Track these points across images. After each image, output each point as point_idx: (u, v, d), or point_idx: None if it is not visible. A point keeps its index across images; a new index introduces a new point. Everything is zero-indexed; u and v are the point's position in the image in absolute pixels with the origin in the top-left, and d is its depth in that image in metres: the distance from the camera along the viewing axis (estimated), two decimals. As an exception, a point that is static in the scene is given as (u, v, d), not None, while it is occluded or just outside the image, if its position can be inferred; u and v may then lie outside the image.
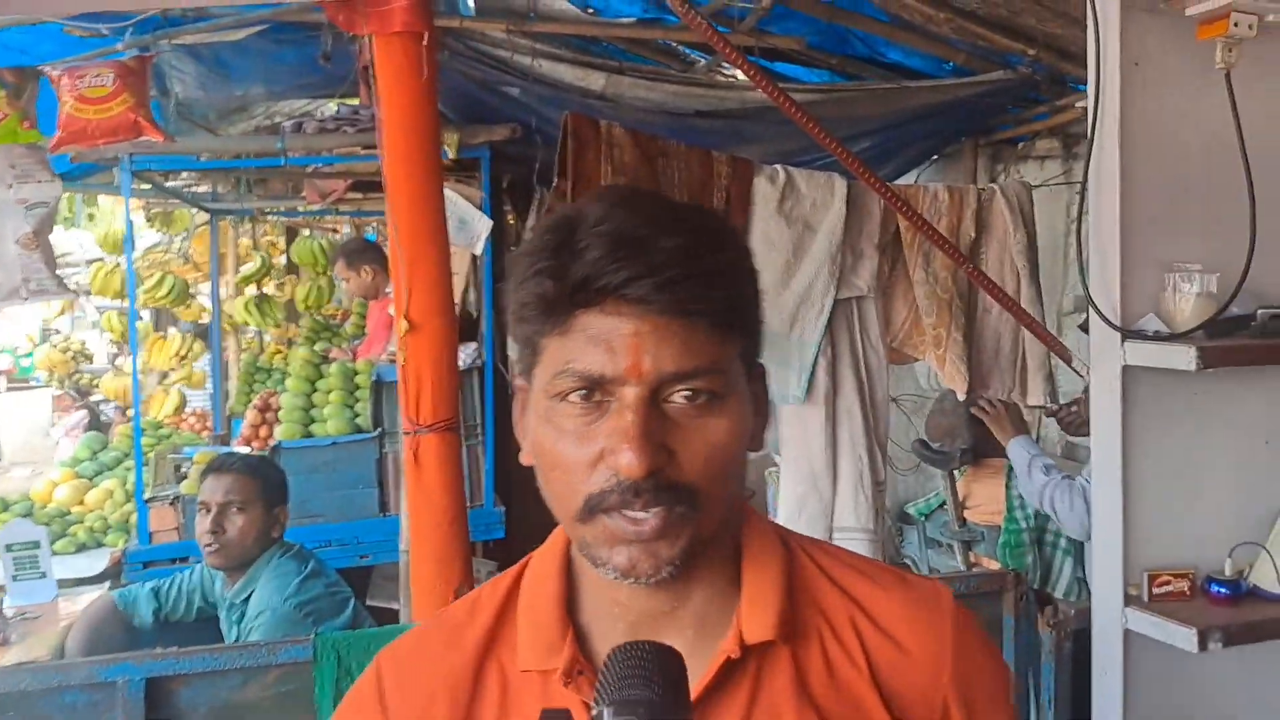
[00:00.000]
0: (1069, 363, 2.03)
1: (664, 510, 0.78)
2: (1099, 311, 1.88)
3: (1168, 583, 1.92)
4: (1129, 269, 1.89)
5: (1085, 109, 4.89)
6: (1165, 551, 1.96)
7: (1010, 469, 3.42)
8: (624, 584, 0.81)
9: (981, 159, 5.42)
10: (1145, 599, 1.92)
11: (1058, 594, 3.28)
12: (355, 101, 5.04)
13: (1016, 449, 2.95)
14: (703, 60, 5.70)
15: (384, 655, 0.94)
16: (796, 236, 2.32)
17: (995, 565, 3.52)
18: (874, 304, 2.44)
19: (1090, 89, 1.88)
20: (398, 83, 2.01)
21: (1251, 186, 1.76)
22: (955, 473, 3.60)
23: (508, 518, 4.48)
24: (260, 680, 1.86)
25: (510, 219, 6.04)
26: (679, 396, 0.80)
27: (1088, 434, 2.08)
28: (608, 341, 0.78)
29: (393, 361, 4.49)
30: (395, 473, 4.29)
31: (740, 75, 5.67)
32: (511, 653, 0.89)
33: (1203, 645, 1.78)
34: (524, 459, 0.88)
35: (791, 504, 2.40)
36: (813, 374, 2.35)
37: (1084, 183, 1.91)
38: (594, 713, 0.68)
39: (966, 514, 3.60)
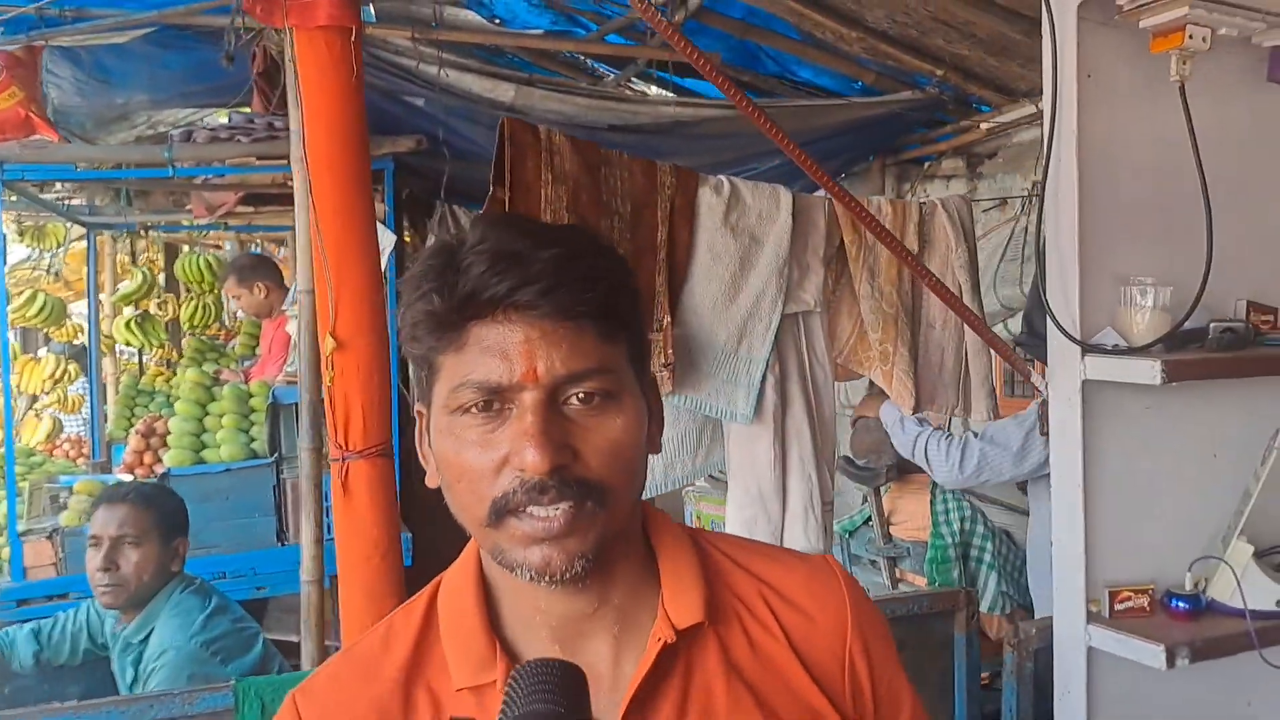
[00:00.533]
0: (1028, 378, 2.00)
1: (571, 506, 0.82)
2: (1059, 325, 1.85)
3: (1129, 599, 1.89)
4: (1085, 282, 1.86)
5: (988, 129, 4.98)
6: (1124, 567, 1.94)
7: (935, 484, 3.42)
8: (542, 588, 0.85)
9: (888, 178, 5.49)
10: (1107, 615, 1.89)
11: (983, 608, 3.29)
12: (248, 110, 4.80)
13: (888, 409, 2.94)
14: (611, 75, 5.64)
15: (298, 694, 0.93)
16: (743, 249, 2.25)
17: (921, 581, 3.51)
18: (820, 319, 2.38)
19: (1046, 101, 1.85)
20: (322, 81, 1.86)
21: (1207, 199, 1.75)
22: (880, 489, 3.58)
23: (414, 545, 4.30)
24: (174, 735, 1.68)
25: (408, 236, 5.85)
26: (575, 399, 0.84)
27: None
28: (502, 350, 0.82)
29: (290, 383, 4.28)
30: (294, 500, 4.09)
31: (651, 91, 5.65)
32: (439, 674, 0.90)
33: (1170, 662, 1.76)
34: (430, 481, 0.91)
35: (739, 526, 2.32)
36: (761, 391, 2.28)
37: (1040, 194, 1.88)
38: None
39: (892, 530, 3.58)
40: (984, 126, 4.91)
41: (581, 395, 0.84)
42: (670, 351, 2.14)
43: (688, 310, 2.23)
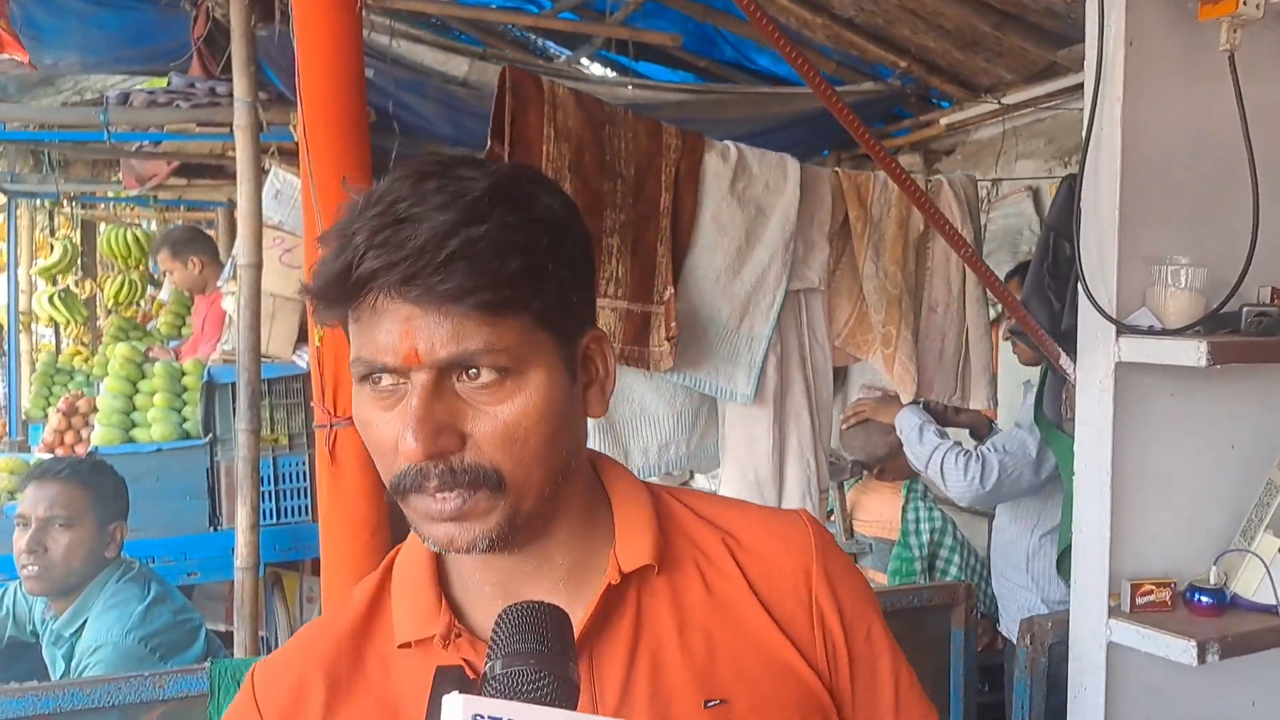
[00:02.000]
0: (1057, 359, 1.92)
1: (463, 492, 0.79)
2: (1095, 304, 1.77)
3: (1150, 592, 1.83)
4: (1121, 263, 1.79)
5: (948, 125, 4.95)
6: (1144, 560, 1.87)
7: (909, 490, 3.36)
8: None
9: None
10: (1127, 610, 1.82)
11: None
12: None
13: (907, 416, 2.87)
14: (563, 55, 5.50)
15: (255, 666, 0.94)
16: (749, 220, 2.13)
17: (882, 578, 3.44)
18: (822, 298, 2.27)
19: (1089, 70, 1.77)
20: (321, 15, 1.68)
21: (1255, 176, 1.69)
22: (843, 484, 3.50)
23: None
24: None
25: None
26: (466, 377, 0.79)
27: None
28: (387, 330, 0.78)
29: (227, 362, 4.05)
30: (228, 484, 3.89)
31: (600, 73, 5.52)
32: (388, 635, 0.90)
33: (1201, 658, 1.70)
34: None
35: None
36: (762, 371, 2.16)
37: (1080, 170, 1.80)
38: (486, 665, 0.69)
39: (855, 525, 3.51)
40: (944, 122, 4.88)
41: (471, 373, 0.79)
42: (673, 325, 2.02)
43: (689, 283, 2.10)
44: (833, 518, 3.59)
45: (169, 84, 4.23)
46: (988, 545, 3.37)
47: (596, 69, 5.57)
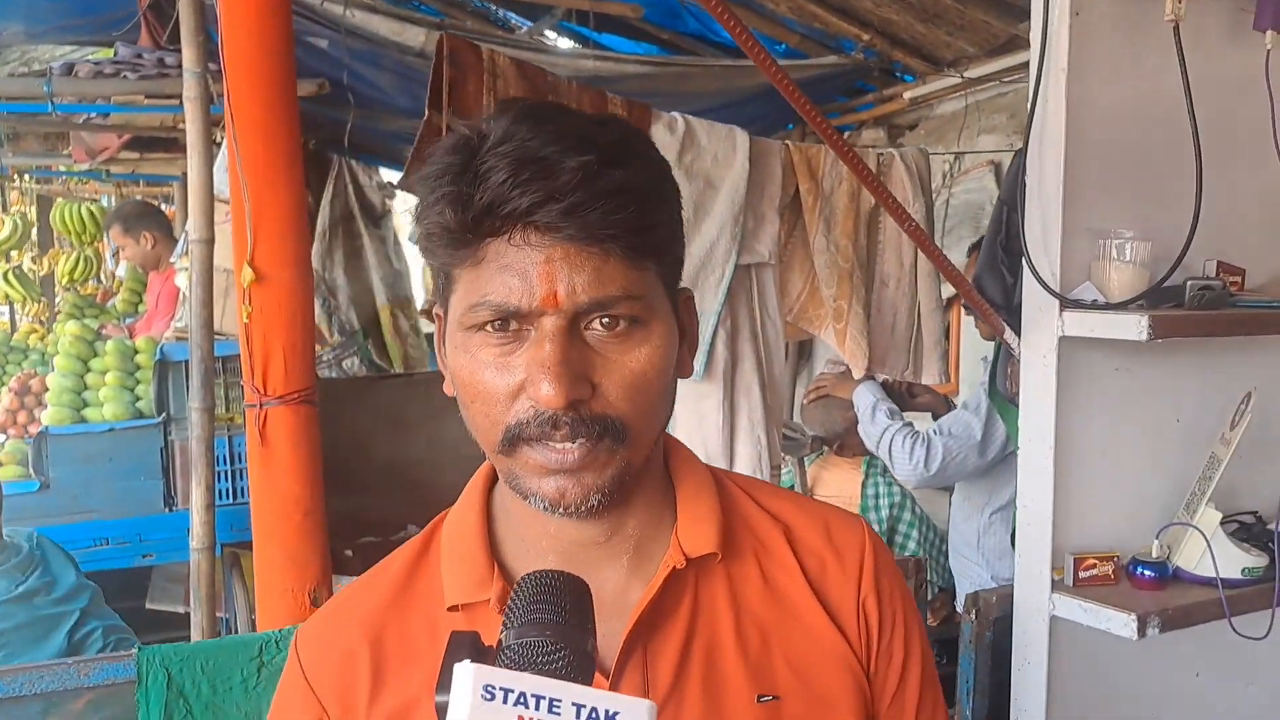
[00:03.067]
0: (1002, 334, 1.91)
1: (588, 443, 0.78)
2: (1040, 279, 1.76)
3: (1093, 566, 1.83)
4: (1066, 236, 1.78)
5: (911, 99, 4.93)
6: (1087, 534, 1.87)
7: (869, 466, 3.36)
8: (554, 516, 0.81)
9: (809, 145, 5.41)
10: (1071, 583, 1.82)
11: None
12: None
13: (864, 393, 2.86)
14: (524, 26, 5.43)
15: (298, 633, 0.92)
16: (697, 193, 2.10)
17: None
18: (773, 273, 2.25)
19: (1034, 39, 1.75)
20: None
21: (1198, 149, 1.67)
22: (804, 460, 3.50)
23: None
24: (65, 708, 1.48)
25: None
26: (598, 324, 0.78)
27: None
28: (522, 271, 0.75)
29: (180, 339, 3.99)
30: (183, 463, 3.84)
31: (563, 44, 5.45)
32: (436, 596, 0.88)
33: (1142, 631, 1.70)
34: (446, 390, 0.86)
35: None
36: (711, 347, 2.14)
37: (1025, 143, 1.78)
38: (501, 634, 0.68)
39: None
40: (907, 96, 4.86)
41: (605, 320, 0.77)
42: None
43: (636, 258, 2.07)
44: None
45: (115, 54, 4.13)
46: (949, 520, 3.39)
47: (563, 43, 5.51)
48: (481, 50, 1.87)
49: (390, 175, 5.59)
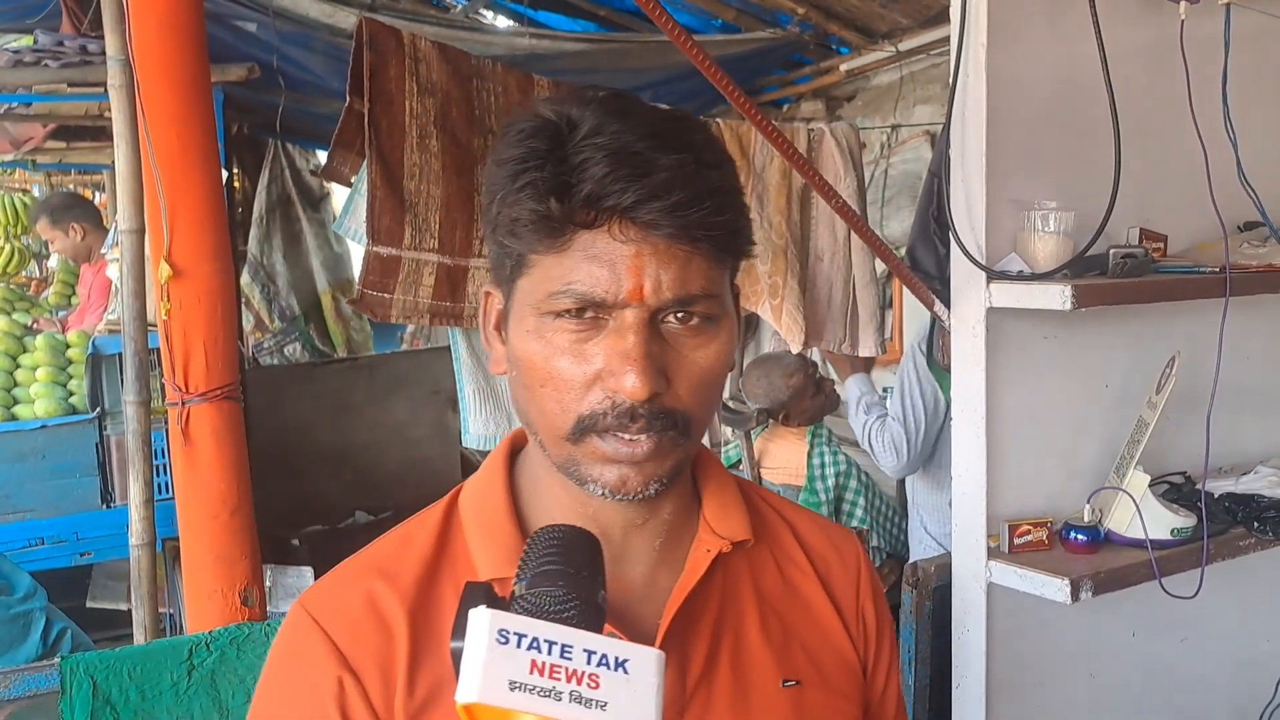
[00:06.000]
0: (931, 306, 1.92)
1: (656, 435, 0.79)
2: (965, 251, 1.76)
3: (1027, 532, 1.85)
4: (990, 208, 1.79)
5: (847, 71, 4.93)
6: (1021, 501, 1.90)
7: (813, 436, 3.37)
8: (605, 499, 0.81)
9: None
10: (1006, 550, 1.84)
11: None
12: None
13: (852, 385, 2.88)
14: (459, 4, 5.35)
15: (304, 600, 0.86)
16: (627, 173, 2.08)
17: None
18: (706, 250, 2.23)
19: (954, 14, 1.75)
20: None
21: (1116, 119, 1.69)
22: (750, 433, 3.51)
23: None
24: (-14, 726, 1.44)
25: (238, 180, 5.44)
26: (674, 319, 0.79)
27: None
28: (610, 263, 0.76)
29: (112, 332, 3.91)
30: (119, 459, 3.77)
31: (499, 22, 5.39)
32: (464, 568, 0.87)
33: (1075, 595, 1.72)
34: (495, 369, 0.87)
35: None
36: (646, 327, 2.12)
37: (948, 116, 1.79)
38: (514, 584, 0.69)
39: (763, 473, 3.53)
40: (843, 68, 4.87)
41: (681, 316, 0.79)
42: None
43: (568, 240, 2.06)
44: (741, 467, 3.61)
45: (35, 42, 4.01)
46: (909, 497, 3.41)
47: (501, 21, 5.44)
48: (403, 35, 1.84)
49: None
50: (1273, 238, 1.96)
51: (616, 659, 0.64)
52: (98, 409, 3.77)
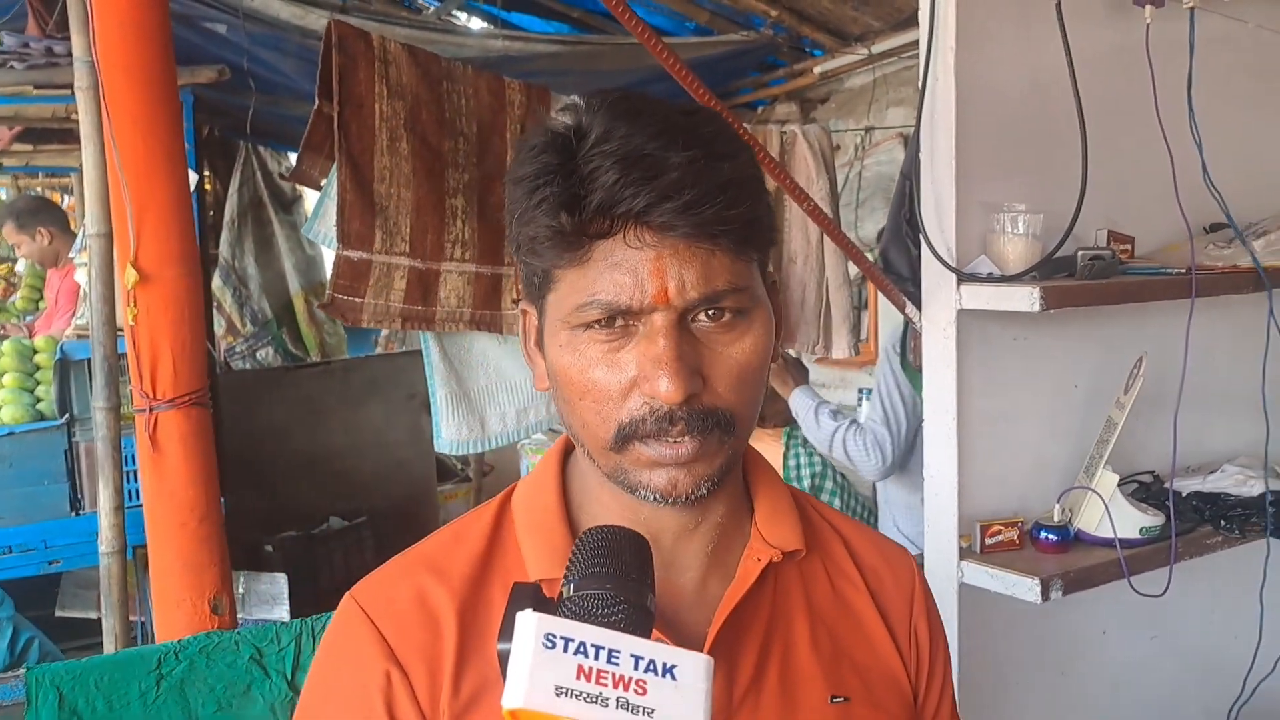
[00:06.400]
0: (903, 309, 1.93)
1: (700, 436, 0.78)
2: (936, 254, 1.77)
3: (999, 532, 1.87)
4: (960, 211, 1.80)
5: (821, 74, 4.95)
6: (992, 501, 1.91)
7: (789, 437, 3.38)
8: (659, 506, 0.81)
9: (721, 121, 5.42)
10: (978, 550, 1.86)
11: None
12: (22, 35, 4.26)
13: (799, 399, 2.88)
14: (432, 5, 5.33)
15: (355, 594, 0.87)
16: (599, 176, 2.08)
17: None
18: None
19: (923, 19, 1.76)
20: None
21: (1083, 122, 1.70)
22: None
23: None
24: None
25: (209, 183, 5.40)
26: (704, 316, 0.78)
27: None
28: (632, 269, 0.75)
29: (81, 337, 3.87)
30: (89, 465, 3.73)
31: (473, 24, 5.37)
32: (515, 567, 0.87)
33: (1045, 595, 1.74)
34: (539, 385, 0.87)
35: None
36: (618, 330, 2.12)
37: (918, 120, 1.80)
38: (562, 587, 0.69)
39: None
40: (817, 71, 4.88)
41: (711, 313, 0.78)
42: (521, 289, 1.97)
43: (540, 243, 2.05)
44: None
45: (0, 44, 3.97)
46: (886, 496, 3.41)
47: (474, 22, 5.42)
48: (372, 37, 1.83)
49: (300, 161, 5.45)
50: (1237, 239, 1.98)
51: (664, 665, 0.63)
52: (66, 415, 3.73)
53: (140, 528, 3.50)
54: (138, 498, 3.67)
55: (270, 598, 3.57)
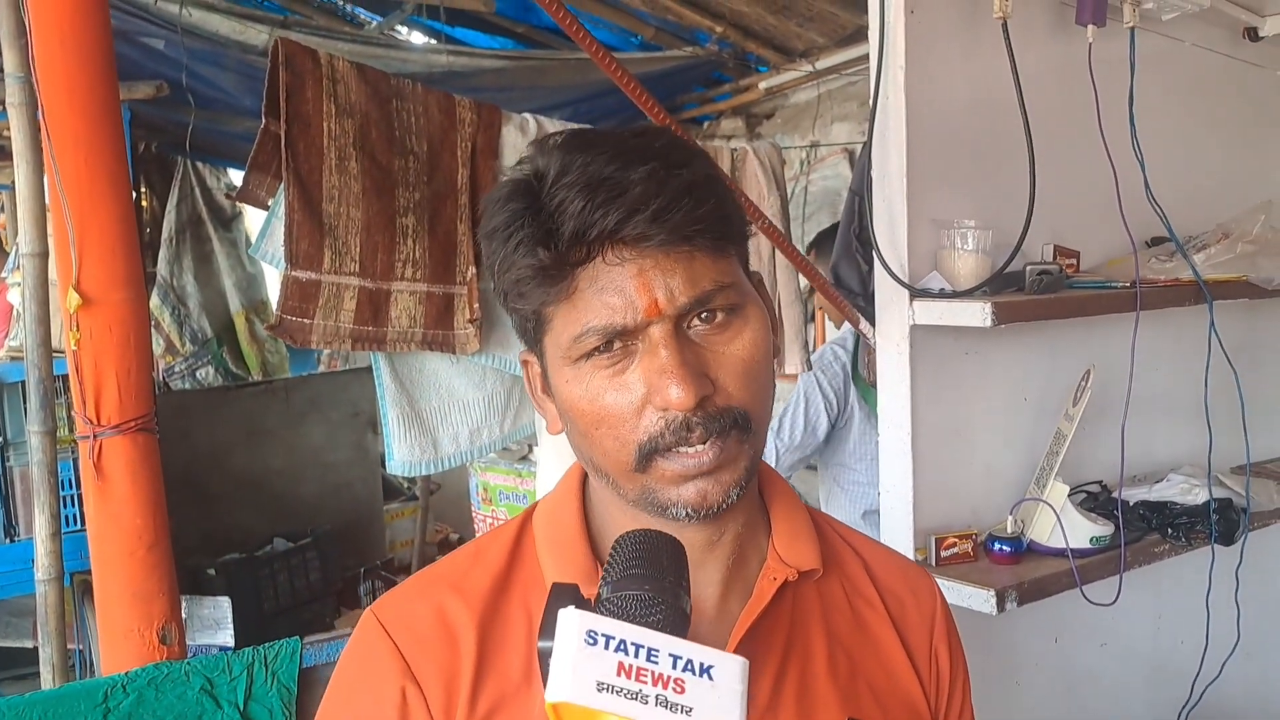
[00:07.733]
0: (856, 324, 1.94)
1: (719, 440, 0.79)
2: (889, 270, 1.79)
3: (954, 545, 1.88)
4: (912, 228, 1.82)
5: (766, 89, 4.99)
6: (947, 514, 1.93)
7: None
8: (673, 524, 0.80)
9: (669, 137, 5.44)
10: (934, 563, 1.87)
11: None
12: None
13: None
14: (374, 20, 5.28)
15: (375, 610, 0.88)
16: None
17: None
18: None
19: (873, 37, 1.78)
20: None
21: (1030, 140, 1.73)
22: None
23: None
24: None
25: (146, 200, 5.30)
26: (698, 320, 0.79)
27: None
28: (619, 290, 0.77)
29: (14, 358, 3.76)
30: (23, 491, 3.63)
31: (415, 39, 5.33)
32: (533, 586, 0.87)
33: (1001, 606, 1.75)
34: (551, 429, 0.87)
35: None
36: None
37: (869, 138, 1.81)
38: (600, 588, 0.69)
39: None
40: (762, 86, 4.93)
41: (704, 315, 0.79)
42: (476, 306, 1.95)
43: (492, 261, 2.03)
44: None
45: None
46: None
47: (416, 37, 5.38)
48: (320, 55, 1.80)
49: (240, 177, 5.37)
50: (1179, 253, 2.02)
51: (702, 665, 0.64)
52: (0, 439, 3.63)
53: (77, 554, 3.42)
54: (74, 523, 3.60)
55: (213, 622, 3.48)
